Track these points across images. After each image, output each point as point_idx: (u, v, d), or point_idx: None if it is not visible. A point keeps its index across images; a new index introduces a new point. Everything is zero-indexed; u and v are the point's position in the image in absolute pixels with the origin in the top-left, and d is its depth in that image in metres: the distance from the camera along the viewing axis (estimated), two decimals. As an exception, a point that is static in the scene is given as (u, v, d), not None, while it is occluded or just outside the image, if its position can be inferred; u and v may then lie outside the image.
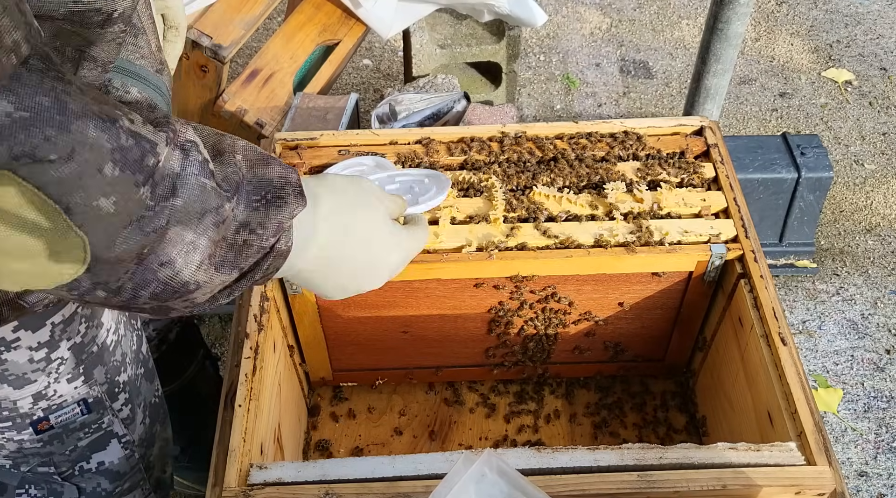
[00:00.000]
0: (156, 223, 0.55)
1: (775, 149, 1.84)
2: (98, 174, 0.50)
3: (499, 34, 2.06)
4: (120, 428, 1.00)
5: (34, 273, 0.53)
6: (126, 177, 0.52)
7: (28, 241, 0.50)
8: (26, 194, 0.48)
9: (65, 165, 0.48)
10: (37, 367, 0.86)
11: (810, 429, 0.90)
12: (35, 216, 0.49)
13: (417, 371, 1.30)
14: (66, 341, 0.87)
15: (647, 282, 1.14)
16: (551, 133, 1.22)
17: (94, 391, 0.93)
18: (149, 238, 0.55)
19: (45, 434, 0.92)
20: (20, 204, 0.48)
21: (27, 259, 0.51)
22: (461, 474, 0.76)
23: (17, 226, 0.49)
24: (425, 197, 1.06)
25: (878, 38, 2.60)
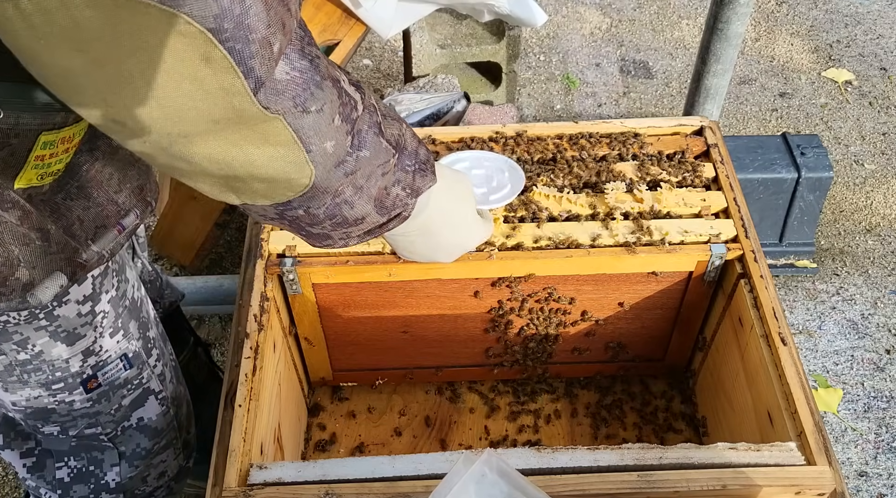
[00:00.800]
0: (350, 167, 0.69)
1: (775, 149, 1.84)
2: (331, 123, 0.65)
3: (499, 34, 2.06)
4: (156, 384, 1.04)
5: (266, 193, 0.67)
6: (343, 126, 0.66)
7: (281, 168, 0.64)
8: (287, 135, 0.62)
9: (317, 115, 0.63)
10: (84, 321, 0.90)
11: (810, 429, 0.90)
12: (287, 151, 0.63)
13: (417, 371, 1.30)
14: (105, 294, 0.92)
15: (647, 282, 1.14)
16: (551, 133, 1.22)
17: (133, 346, 0.98)
18: (345, 178, 0.70)
19: (94, 393, 0.96)
20: (286, 142, 0.62)
21: (269, 182, 0.66)
22: (461, 474, 0.76)
23: (276, 158, 0.63)
24: (497, 195, 1.11)
25: (878, 38, 2.60)
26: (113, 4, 0.50)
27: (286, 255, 1.09)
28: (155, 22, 0.51)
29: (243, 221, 1.90)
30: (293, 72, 0.60)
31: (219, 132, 0.59)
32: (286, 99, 0.60)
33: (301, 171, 0.66)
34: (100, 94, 0.56)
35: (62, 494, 1.07)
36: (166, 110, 0.56)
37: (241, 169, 0.63)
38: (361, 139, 0.70)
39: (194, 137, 0.59)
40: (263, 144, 0.62)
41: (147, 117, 0.57)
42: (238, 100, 0.57)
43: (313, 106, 0.62)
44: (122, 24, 0.51)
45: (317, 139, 0.64)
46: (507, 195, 1.10)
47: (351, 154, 0.69)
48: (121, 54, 0.52)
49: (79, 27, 0.51)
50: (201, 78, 0.55)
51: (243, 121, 0.59)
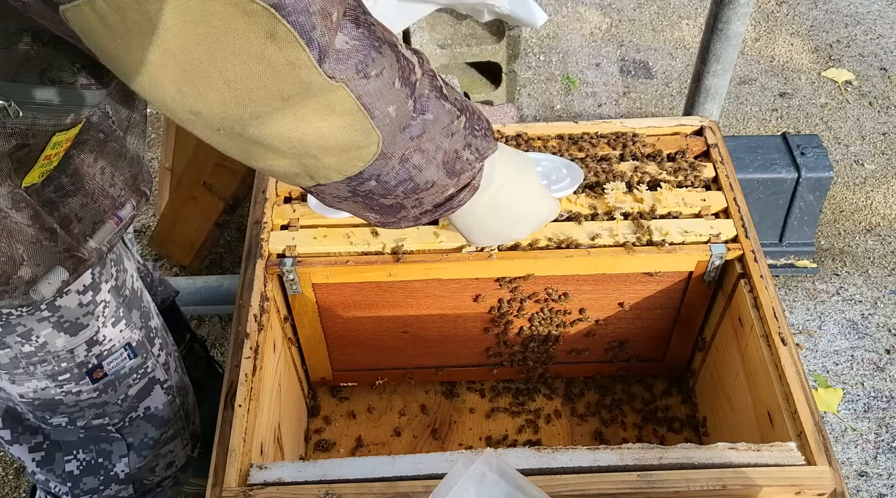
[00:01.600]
0: (415, 131, 0.70)
1: (775, 149, 1.84)
2: (392, 87, 0.66)
3: (499, 34, 2.06)
4: (161, 373, 1.05)
5: (338, 166, 0.68)
6: (403, 90, 0.67)
7: (350, 137, 0.65)
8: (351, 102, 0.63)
9: (377, 80, 0.64)
10: (87, 310, 0.91)
11: (810, 429, 0.90)
12: (353, 119, 0.64)
13: (417, 371, 1.30)
14: (105, 283, 0.92)
15: (647, 282, 1.14)
16: (551, 133, 1.22)
17: (136, 335, 0.99)
18: (411, 142, 0.70)
19: (100, 382, 0.97)
20: (351, 110, 0.63)
21: (339, 154, 0.67)
22: (461, 474, 0.76)
23: (343, 128, 0.64)
24: (558, 186, 1.10)
25: (878, 38, 2.60)
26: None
27: (286, 255, 1.09)
28: (220, 6, 0.53)
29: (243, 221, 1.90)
30: (352, 40, 0.62)
31: (288, 109, 0.60)
32: (349, 66, 0.61)
33: (368, 137, 0.66)
34: (175, 85, 0.57)
35: (72, 486, 1.08)
36: (237, 92, 0.58)
37: (312, 144, 0.64)
38: (424, 103, 0.71)
39: (265, 118, 0.60)
40: (330, 115, 0.63)
41: (220, 102, 0.58)
42: (305, 72, 0.58)
43: (373, 71, 0.63)
44: (190, 12, 0.53)
45: (380, 104, 0.65)
46: (569, 186, 1.10)
47: (415, 117, 0.70)
48: (190, 42, 0.54)
49: (150, 21, 0.53)
50: (268, 55, 0.56)
51: (311, 93, 0.60)
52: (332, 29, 0.59)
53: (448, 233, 1.09)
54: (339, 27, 0.61)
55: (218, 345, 1.81)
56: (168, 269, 1.96)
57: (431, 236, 1.09)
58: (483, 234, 0.93)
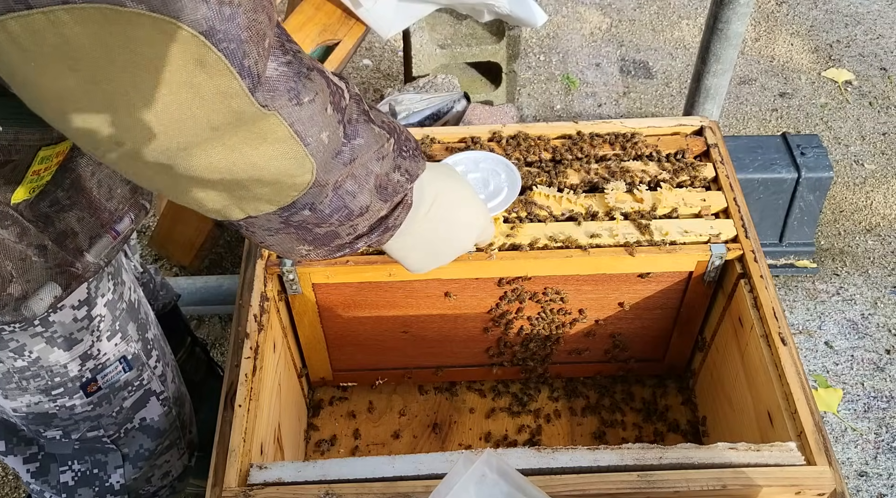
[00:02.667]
0: (347, 156, 0.69)
1: (775, 149, 1.84)
2: (325, 113, 0.64)
3: (499, 34, 2.06)
4: (157, 385, 1.04)
5: (270, 197, 0.66)
6: (335, 116, 0.66)
7: (283, 166, 0.64)
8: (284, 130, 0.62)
9: (309, 106, 0.63)
10: (81, 325, 0.90)
11: (810, 429, 0.90)
12: (286, 147, 0.62)
13: (417, 371, 1.30)
14: (101, 298, 0.91)
15: (647, 282, 1.14)
16: (551, 133, 1.22)
17: (132, 348, 0.98)
18: (344, 168, 0.69)
19: (94, 396, 0.96)
20: (284, 138, 0.62)
21: (272, 183, 0.65)
22: (461, 474, 0.76)
23: (276, 156, 0.62)
24: (495, 202, 1.09)
25: (878, 38, 2.60)
26: (103, 19, 0.49)
27: (286, 255, 1.09)
28: (147, 32, 0.50)
29: (243, 221, 1.90)
30: (281, 66, 0.60)
31: (218, 139, 0.58)
32: (281, 93, 0.60)
33: (302, 165, 0.65)
34: (97, 114, 0.55)
35: (67, 497, 1.07)
36: (164, 123, 0.55)
37: (243, 174, 0.62)
38: (354, 127, 0.69)
39: (194, 149, 0.58)
40: (262, 144, 0.61)
41: (145, 133, 0.56)
42: (236, 101, 0.56)
43: (306, 97, 0.62)
44: (114, 37, 0.50)
45: (313, 130, 0.64)
46: (504, 201, 1.09)
47: (346, 143, 0.69)
48: (114, 69, 0.52)
49: (69, 45, 0.50)
50: (197, 84, 0.54)
51: (242, 122, 0.58)
52: (263, 56, 0.57)
53: (448, 233, 1.09)
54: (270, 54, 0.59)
55: (218, 345, 1.81)
56: (168, 269, 1.96)
57: (431, 236, 1.09)
58: (423, 256, 0.90)
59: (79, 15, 0.49)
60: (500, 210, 1.09)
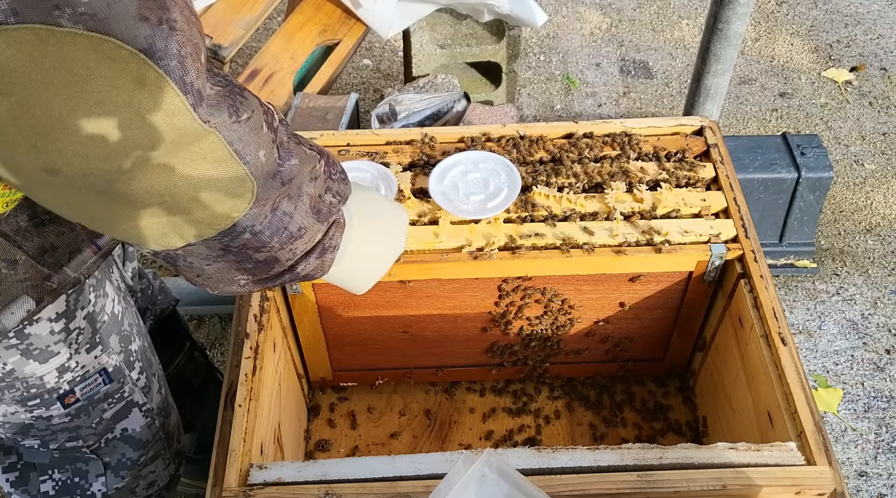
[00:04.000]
0: (284, 176, 0.68)
1: (775, 149, 1.84)
2: (261, 131, 0.64)
3: (499, 34, 2.06)
4: (140, 397, 1.03)
5: (211, 219, 0.64)
6: (269, 135, 0.65)
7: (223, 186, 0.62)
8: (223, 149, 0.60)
9: (247, 124, 0.62)
10: (58, 338, 0.89)
11: (810, 429, 0.90)
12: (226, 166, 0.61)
13: (417, 371, 1.30)
14: (81, 310, 0.90)
15: (647, 282, 1.14)
16: (551, 133, 1.22)
17: (113, 360, 0.97)
18: (282, 188, 0.68)
19: (72, 407, 0.95)
20: (223, 156, 0.60)
21: (214, 205, 0.63)
22: (461, 474, 0.76)
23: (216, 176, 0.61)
24: (494, 203, 1.09)
25: (878, 38, 2.60)
26: (37, 40, 0.48)
27: (286, 255, 1.09)
28: (83, 52, 0.49)
29: (243, 221, 1.90)
30: (216, 85, 0.60)
31: (158, 159, 0.57)
32: (221, 110, 0.59)
33: (243, 184, 0.63)
34: (29, 140, 0.52)
35: None
36: (102, 145, 0.53)
37: (184, 195, 0.60)
38: (286, 148, 0.69)
39: (134, 171, 0.56)
40: (202, 163, 0.59)
41: (82, 157, 0.54)
42: (179, 118, 0.55)
43: (244, 114, 0.61)
44: (48, 58, 0.49)
45: (251, 149, 0.62)
46: (504, 201, 1.09)
47: (281, 163, 0.68)
48: (48, 92, 0.50)
49: (2, 69, 0.48)
50: (137, 103, 0.53)
51: (184, 141, 0.57)
52: (202, 73, 0.56)
53: (448, 233, 1.09)
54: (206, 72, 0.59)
55: (218, 345, 1.81)
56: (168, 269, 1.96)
57: (431, 236, 1.09)
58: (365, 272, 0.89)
59: (11, 36, 0.48)
60: (499, 210, 1.09)
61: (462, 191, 1.10)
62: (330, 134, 1.20)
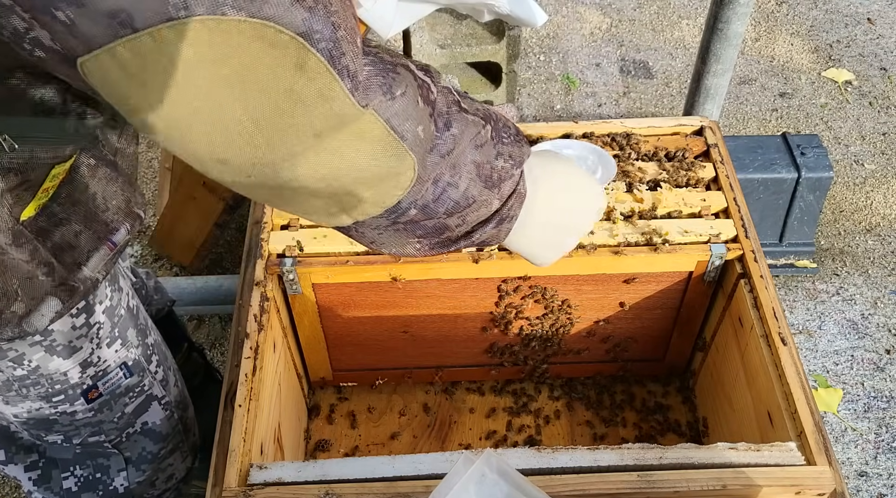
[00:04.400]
0: (444, 148, 0.68)
1: (775, 149, 1.84)
2: (417, 106, 0.63)
3: (499, 34, 2.06)
4: (159, 390, 1.03)
5: (376, 199, 0.65)
6: (426, 108, 0.65)
7: (385, 165, 0.62)
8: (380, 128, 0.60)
9: (402, 99, 0.61)
10: (80, 333, 0.90)
11: (810, 429, 0.90)
12: (385, 146, 0.61)
13: (417, 371, 1.30)
14: (99, 305, 0.91)
15: (647, 282, 1.14)
16: (551, 133, 1.22)
17: (132, 354, 0.97)
18: (443, 161, 0.68)
19: (95, 402, 0.96)
20: (381, 135, 0.60)
21: (377, 184, 0.64)
22: (461, 474, 0.76)
23: (377, 155, 0.61)
24: None
25: (878, 38, 2.60)
26: (205, 31, 0.49)
27: (286, 255, 1.09)
28: (247, 40, 0.50)
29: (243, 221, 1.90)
30: (369, 65, 0.60)
31: (320, 145, 0.58)
32: (375, 90, 0.59)
33: (403, 161, 0.64)
34: (204, 134, 0.54)
35: None
36: (267, 134, 0.55)
37: (347, 178, 0.61)
38: (446, 118, 0.68)
39: (298, 157, 0.57)
40: (361, 144, 0.60)
41: (250, 147, 0.55)
42: (338, 103, 0.56)
43: (398, 90, 0.61)
44: (214, 50, 0.50)
45: (408, 124, 0.63)
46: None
47: (439, 135, 0.68)
48: (217, 85, 0.51)
49: (174, 65, 0.50)
50: (298, 90, 0.53)
51: (343, 124, 0.58)
52: (358, 55, 0.56)
53: (448, 233, 1.09)
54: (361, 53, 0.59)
55: (218, 345, 1.81)
56: (168, 269, 1.96)
57: (431, 236, 1.08)
58: (546, 246, 0.87)
59: (183, 31, 0.49)
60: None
61: None
62: (330, 134, 1.20)
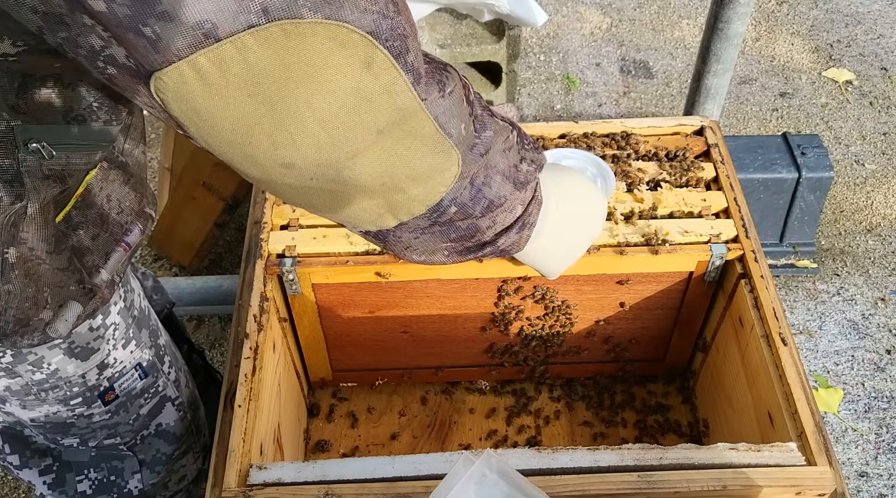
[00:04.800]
0: (481, 148, 0.70)
1: (776, 149, 1.84)
2: (462, 104, 0.65)
3: (499, 34, 2.06)
4: (172, 391, 1.04)
5: (423, 196, 0.67)
6: (467, 108, 0.67)
7: (433, 161, 0.64)
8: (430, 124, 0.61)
9: (450, 97, 0.63)
10: (97, 334, 0.90)
11: (811, 429, 0.90)
12: (433, 142, 0.63)
13: (417, 371, 1.30)
14: (114, 305, 0.91)
15: (647, 282, 1.14)
16: (552, 133, 1.22)
17: (146, 355, 0.98)
18: (479, 160, 0.70)
19: (112, 404, 0.96)
20: (431, 132, 0.62)
21: (425, 181, 0.65)
22: (461, 475, 0.76)
23: (426, 151, 0.63)
24: None
25: (879, 37, 2.60)
26: (283, 35, 0.49)
27: (286, 255, 1.09)
28: (320, 41, 0.51)
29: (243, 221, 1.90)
30: (425, 63, 0.61)
31: (379, 142, 0.59)
32: (433, 85, 0.61)
33: (449, 157, 0.65)
34: (269, 137, 0.55)
35: None
36: (333, 133, 0.55)
37: (400, 174, 0.63)
38: (482, 121, 0.70)
39: (359, 156, 0.58)
40: (413, 140, 0.61)
41: (315, 148, 0.56)
42: (401, 98, 0.57)
43: (449, 87, 0.63)
44: (290, 53, 0.50)
45: (454, 122, 0.64)
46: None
47: (478, 135, 0.70)
48: (289, 86, 0.52)
49: (252, 70, 0.50)
50: (364, 87, 0.54)
51: (403, 120, 0.59)
52: (419, 52, 0.58)
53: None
54: None
55: (218, 345, 1.81)
56: (168, 269, 1.96)
57: (431, 236, 1.08)
58: (560, 255, 0.89)
59: (262, 36, 0.49)
60: None
61: None
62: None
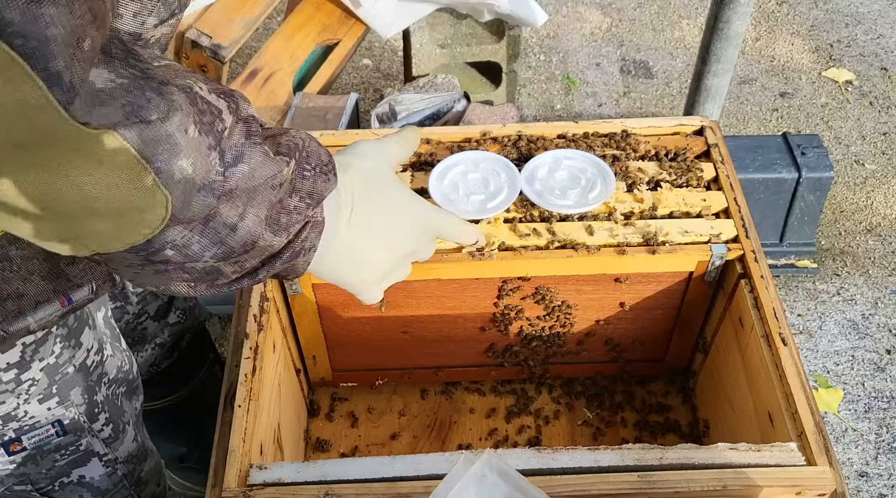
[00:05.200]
0: (223, 187, 0.58)
1: (776, 149, 1.84)
2: (184, 134, 0.53)
3: (499, 34, 2.06)
4: (101, 447, 0.98)
5: (114, 233, 0.55)
6: (202, 139, 0.55)
7: (124, 197, 0.52)
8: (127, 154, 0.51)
9: (161, 125, 0.51)
10: (5, 388, 0.84)
11: (811, 429, 0.90)
12: (129, 174, 0.51)
13: (417, 371, 1.30)
14: (39, 362, 0.86)
15: (647, 282, 1.14)
16: (551, 133, 1.22)
17: (71, 413, 0.92)
18: (218, 201, 0.58)
19: (17, 455, 0.90)
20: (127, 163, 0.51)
21: (114, 218, 0.54)
22: (461, 475, 0.76)
23: (114, 185, 0.51)
24: (494, 203, 1.07)
25: (879, 37, 2.60)
26: None
27: (286, 255, 1.08)
28: None
29: (243, 221, 1.90)
30: (119, 78, 0.50)
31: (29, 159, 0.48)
32: (113, 109, 0.49)
33: (151, 198, 0.53)
34: None
35: None
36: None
37: (72, 204, 0.51)
38: (236, 153, 0.59)
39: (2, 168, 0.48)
40: (97, 168, 0.50)
41: None
42: (43, 116, 0.45)
43: (154, 114, 0.51)
44: None
45: (167, 156, 0.52)
46: (504, 201, 1.08)
47: (222, 172, 0.58)
48: None
49: None
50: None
51: (58, 141, 0.48)
52: (82, 61, 0.46)
53: (448, 233, 1.09)
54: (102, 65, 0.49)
55: (218, 345, 1.81)
56: (168, 269, 1.96)
57: (431, 236, 1.08)
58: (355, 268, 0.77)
59: None
60: (500, 210, 1.08)
61: (462, 191, 1.10)
62: (330, 134, 1.20)
